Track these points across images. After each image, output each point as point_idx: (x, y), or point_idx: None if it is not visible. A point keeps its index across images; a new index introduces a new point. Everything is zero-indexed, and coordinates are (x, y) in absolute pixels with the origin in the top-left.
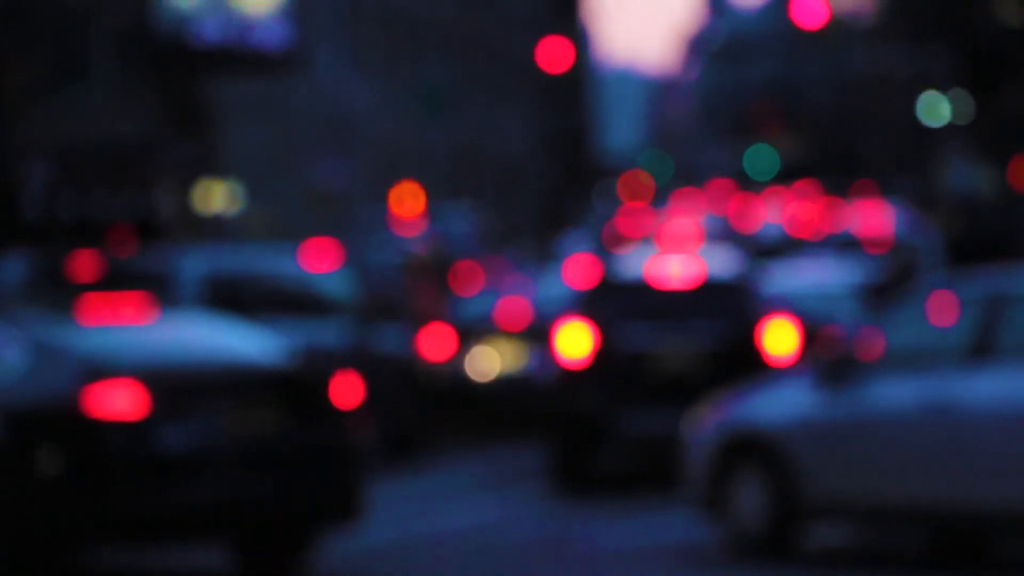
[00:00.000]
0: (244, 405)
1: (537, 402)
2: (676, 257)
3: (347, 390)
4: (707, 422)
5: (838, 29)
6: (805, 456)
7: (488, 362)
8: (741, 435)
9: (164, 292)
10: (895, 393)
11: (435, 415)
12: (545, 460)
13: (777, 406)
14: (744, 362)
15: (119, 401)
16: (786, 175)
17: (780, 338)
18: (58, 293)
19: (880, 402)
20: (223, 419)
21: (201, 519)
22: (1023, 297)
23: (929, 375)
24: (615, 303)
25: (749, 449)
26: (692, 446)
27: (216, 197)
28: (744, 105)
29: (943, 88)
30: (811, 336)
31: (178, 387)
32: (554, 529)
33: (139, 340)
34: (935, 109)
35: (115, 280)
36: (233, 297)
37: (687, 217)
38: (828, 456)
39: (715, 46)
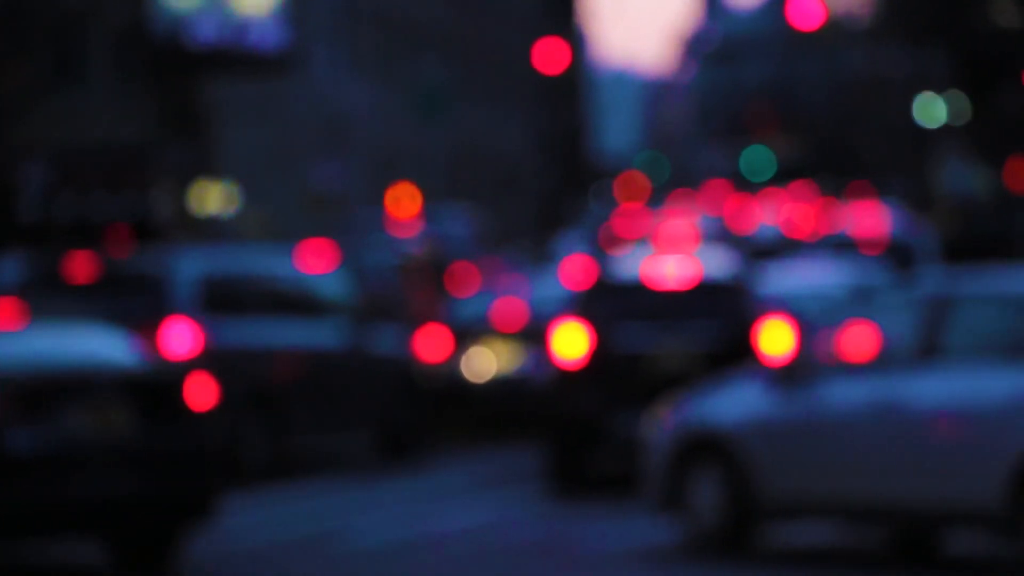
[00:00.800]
0: (97, 407)
1: (533, 403)
2: (672, 258)
3: (200, 392)
4: (665, 422)
5: (834, 30)
6: (760, 455)
7: (484, 363)
8: (698, 435)
9: (161, 293)
10: (846, 393)
11: (431, 416)
12: (541, 461)
13: (733, 406)
14: (740, 363)
15: None
16: (782, 176)
17: (776, 339)
18: (55, 294)
19: (832, 402)
20: (76, 421)
21: (52, 517)
22: (967, 299)
23: (879, 375)
24: (611, 304)
25: (706, 449)
26: (651, 446)
27: (213, 198)
28: (740, 106)
29: (939, 89)
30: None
31: (28, 390)
32: (550, 530)
33: None
34: (931, 110)
35: (112, 281)
36: (230, 298)
37: (683, 218)
38: (783, 455)
39: (711, 47)
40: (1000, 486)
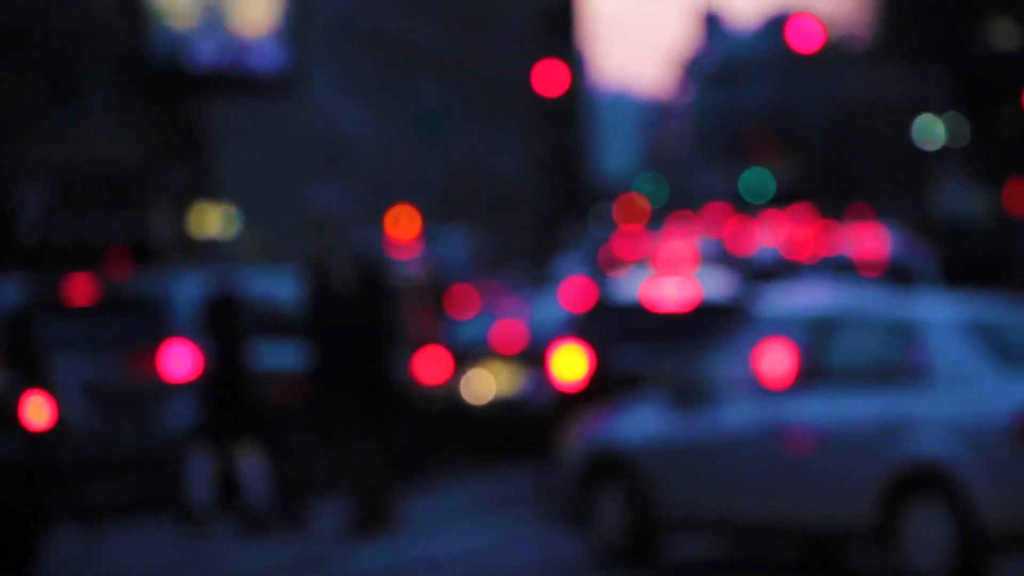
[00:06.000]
0: None
1: (533, 425)
2: (672, 280)
3: (38, 410)
4: (575, 440)
5: (833, 52)
6: (660, 473)
7: (484, 385)
8: (603, 453)
9: (160, 315)
10: (736, 413)
11: (431, 438)
12: (540, 483)
13: (635, 426)
14: None
15: None
16: (781, 198)
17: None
18: (53, 317)
19: (723, 422)
20: None
21: None
22: (845, 322)
23: (766, 397)
24: (611, 326)
25: (610, 466)
26: (562, 462)
27: (211, 220)
28: (739, 128)
29: (939, 111)
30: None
31: None
32: (549, 552)
33: None
34: (930, 132)
35: (111, 304)
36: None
37: (682, 240)
38: (680, 473)
39: (710, 69)
40: (872, 503)
